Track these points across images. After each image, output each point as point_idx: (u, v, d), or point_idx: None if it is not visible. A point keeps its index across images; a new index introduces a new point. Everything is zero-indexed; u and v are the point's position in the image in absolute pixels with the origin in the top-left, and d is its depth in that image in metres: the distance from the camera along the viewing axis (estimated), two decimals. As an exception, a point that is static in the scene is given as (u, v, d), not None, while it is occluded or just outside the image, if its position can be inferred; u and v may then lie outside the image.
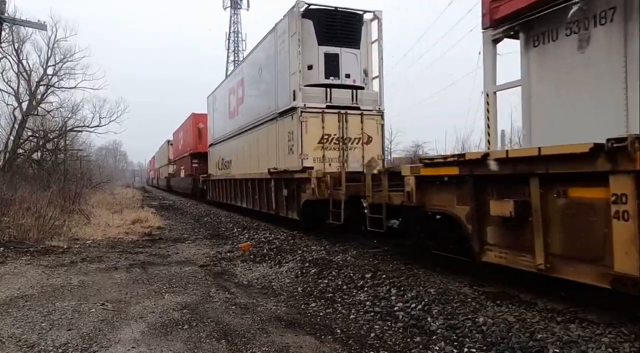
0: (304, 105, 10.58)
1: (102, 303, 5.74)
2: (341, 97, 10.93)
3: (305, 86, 10.66)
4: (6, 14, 18.55)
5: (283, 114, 11.52)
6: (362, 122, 11.06)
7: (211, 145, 21.34)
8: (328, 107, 10.78)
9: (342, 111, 10.87)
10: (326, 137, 10.78)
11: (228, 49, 63.40)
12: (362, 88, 11.32)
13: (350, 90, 11.04)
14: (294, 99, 10.69)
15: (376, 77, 11.61)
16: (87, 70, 36.52)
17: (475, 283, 5.83)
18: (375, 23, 11.59)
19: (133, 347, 4.25)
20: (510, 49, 6.45)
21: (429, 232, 6.88)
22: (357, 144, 11.09)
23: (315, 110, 10.68)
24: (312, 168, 9.97)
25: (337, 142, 10.91)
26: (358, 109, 11.06)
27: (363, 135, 11.07)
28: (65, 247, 10.07)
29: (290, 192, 10.91)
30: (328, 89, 10.84)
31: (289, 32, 10.93)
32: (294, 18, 10.78)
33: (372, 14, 11.52)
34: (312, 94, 10.69)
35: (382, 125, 11.43)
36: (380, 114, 11.32)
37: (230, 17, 63.40)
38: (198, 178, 24.80)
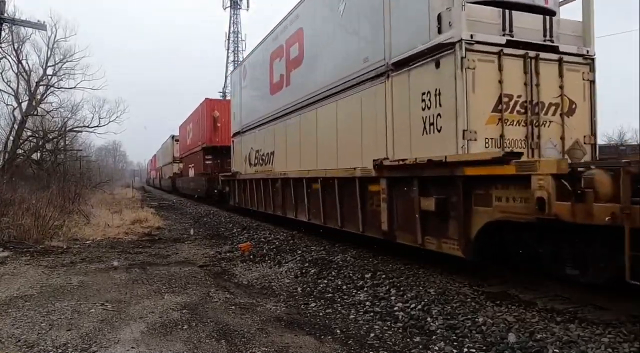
0: (471, 36, 5.79)
1: (101, 303, 5.73)
2: (527, 26, 6.26)
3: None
4: (6, 14, 18.52)
5: (406, 63, 6.70)
6: (560, 76, 6.31)
7: (237, 134, 16.50)
8: (509, 43, 6.03)
9: (530, 53, 6.13)
10: (505, 100, 5.99)
11: (228, 49, 63.47)
12: (554, 14, 6.69)
13: (542, 16, 6.41)
14: (441, 31, 6.01)
15: None
16: (86, 71, 36.50)
17: (475, 284, 5.83)
18: None
19: (133, 347, 4.24)
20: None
21: None
22: (552, 114, 6.33)
23: (487, 50, 5.92)
24: (516, 155, 4.93)
25: (522, 110, 6.11)
26: (555, 50, 6.33)
27: (563, 99, 6.36)
28: (64, 247, 10.07)
29: (440, 203, 5.89)
30: (506, 12, 6.14)
31: None
32: None
33: None
34: (480, 17, 6.03)
35: (593, 83, 6.56)
36: (589, 61, 6.56)
37: (230, 17, 63.49)
38: (216, 178, 20.25)
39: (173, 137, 36.98)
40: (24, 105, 26.33)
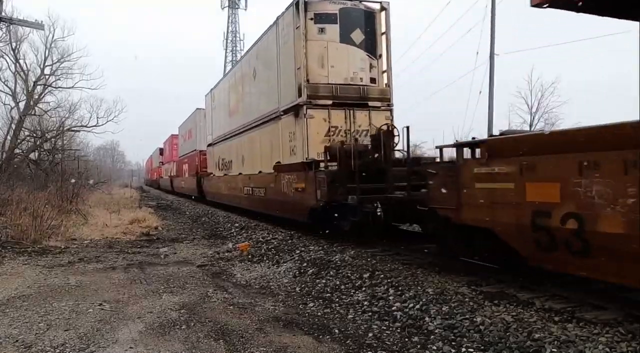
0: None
1: (99, 303, 5.73)
2: None
3: None
4: (3, 14, 18.48)
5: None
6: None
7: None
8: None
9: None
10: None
11: (226, 49, 63.41)
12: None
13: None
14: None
15: None
16: (84, 70, 36.31)
17: (473, 283, 5.83)
18: None
19: (131, 347, 4.24)
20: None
21: None
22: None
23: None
24: None
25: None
26: None
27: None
28: (62, 247, 10.05)
29: None
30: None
31: None
32: None
33: None
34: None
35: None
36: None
37: (228, 17, 63.42)
38: None
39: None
40: (22, 104, 26.28)
